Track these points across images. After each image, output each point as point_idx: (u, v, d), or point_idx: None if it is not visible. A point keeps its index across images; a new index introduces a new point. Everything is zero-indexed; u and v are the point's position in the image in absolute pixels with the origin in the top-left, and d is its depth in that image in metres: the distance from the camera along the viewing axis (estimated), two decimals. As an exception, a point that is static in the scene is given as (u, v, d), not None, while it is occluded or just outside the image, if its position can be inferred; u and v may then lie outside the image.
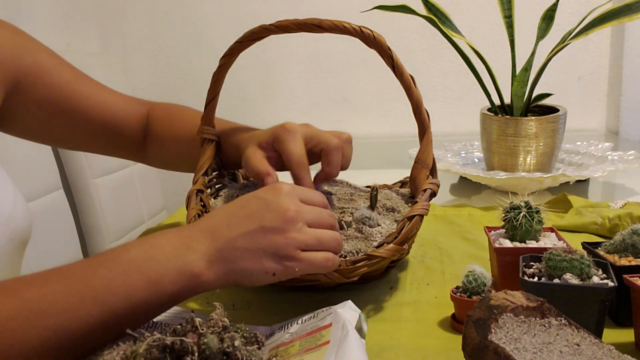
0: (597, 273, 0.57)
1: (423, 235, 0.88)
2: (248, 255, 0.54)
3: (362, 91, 2.01)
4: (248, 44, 0.73)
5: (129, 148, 0.89)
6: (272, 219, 0.55)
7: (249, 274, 0.55)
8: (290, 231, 0.55)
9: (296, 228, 0.56)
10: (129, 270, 0.51)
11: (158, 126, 0.88)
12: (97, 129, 0.84)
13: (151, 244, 0.54)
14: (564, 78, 1.92)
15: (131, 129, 0.87)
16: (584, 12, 1.09)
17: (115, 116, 0.85)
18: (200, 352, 0.43)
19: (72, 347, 0.49)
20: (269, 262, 0.54)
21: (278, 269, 0.55)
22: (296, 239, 0.55)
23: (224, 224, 0.56)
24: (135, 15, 2.09)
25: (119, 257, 0.52)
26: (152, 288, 0.51)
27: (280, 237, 0.55)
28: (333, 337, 0.49)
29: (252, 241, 0.54)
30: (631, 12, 1.01)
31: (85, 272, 0.51)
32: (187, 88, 2.13)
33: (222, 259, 0.54)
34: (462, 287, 0.62)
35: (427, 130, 0.73)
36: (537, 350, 0.46)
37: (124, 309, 0.50)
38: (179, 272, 0.52)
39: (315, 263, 0.57)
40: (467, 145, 1.40)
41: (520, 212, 0.68)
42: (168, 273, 0.51)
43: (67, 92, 0.80)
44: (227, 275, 0.54)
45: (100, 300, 0.49)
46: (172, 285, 0.51)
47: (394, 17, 1.39)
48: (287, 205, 0.56)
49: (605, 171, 1.09)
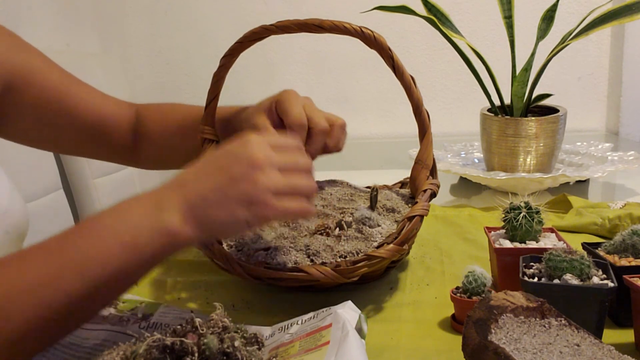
0: (597, 273, 0.57)
1: (423, 235, 0.88)
2: (219, 207, 0.54)
3: (362, 91, 2.01)
4: (249, 44, 0.73)
5: (121, 150, 0.88)
6: (240, 169, 0.55)
7: (222, 224, 0.54)
8: (259, 178, 0.54)
9: (265, 174, 0.54)
10: (104, 236, 0.51)
11: (148, 122, 0.87)
12: (89, 131, 0.83)
13: (123, 208, 0.54)
14: (564, 78, 1.92)
15: (122, 131, 0.86)
16: (584, 12, 1.09)
17: (106, 118, 0.84)
18: (200, 353, 0.43)
19: (58, 321, 0.49)
20: (241, 211, 0.54)
21: (251, 217, 0.54)
22: (266, 184, 0.54)
23: (193, 180, 0.55)
24: (135, 15, 2.09)
25: (93, 226, 0.52)
26: (129, 251, 0.51)
27: (249, 185, 0.54)
28: (333, 338, 0.49)
29: (221, 192, 0.54)
30: (631, 13, 1.01)
31: (62, 245, 0.51)
32: (187, 88, 2.13)
33: (195, 214, 0.53)
34: (462, 288, 0.62)
35: (427, 130, 0.73)
36: (537, 350, 0.46)
37: (104, 276, 0.50)
38: (154, 231, 0.52)
39: (289, 209, 0.56)
40: (467, 145, 1.40)
41: (520, 212, 0.68)
42: (143, 234, 0.51)
43: (58, 94, 0.80)
44: (201, 229, 0.54)
45: (79, 270, 0.49)
46: (149, 246, 0.51)
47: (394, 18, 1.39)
48: (254, 153, 0.55)
49: (605, 172, 1.10)
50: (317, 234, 0.71)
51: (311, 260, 0.67)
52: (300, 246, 0.69)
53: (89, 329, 0.58)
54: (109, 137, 0.85)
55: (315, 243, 0.69)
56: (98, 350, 0.54)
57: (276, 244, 0.69)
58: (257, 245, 0.70)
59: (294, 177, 0.57)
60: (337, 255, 0.67)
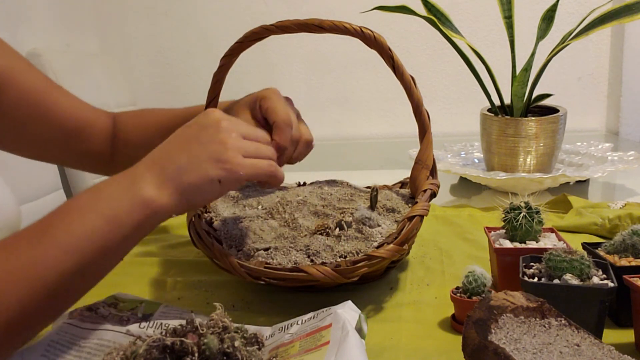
0: (597, 273, 0.57)
1: (423, 235, 0.88)
2: (192, 170, 0.56)
3: (362, 91, 2.01)
4: (249, 44, 0.73)
5: (99, 157, 0.86)
6: (208, 133, 0.58)
7: (197, 187, 0.56)
8: (226, 139, 0.57)
9: (232, 136, 0.58)
10: (84, 212, 0.53)
11: (127, 127, 0.86)
12: (66, 136, 0.82)
13: (99, 187, 0.56)
14: (564, 78, 1.92)
15: (100, 137, 0.85)
16: (584, 12, 1.09)
17: (84, 124, 0.83)
18: (201, 353, 0.43)
19: (52, 299, 0.50)
20: (212, 169, 0.56)
21: (222, 175, 0.57)
22: (234, 144, 0.58)
23: (164, 152, 0.58)
24: (135, 15, 2.09)
25: (72, 204, 0.54)
26: (110, 223, 0.52)
27: (217, 145, 0.57)
28: (333, 338, 0.49)
29: (192, 155, 0.57)
30: (631, 13, 1.01)
31: (44, 225, 0.52)
32: (187, 88, 2.13)
33: (169, 180, 0.55)
34: (462, 288, 0.62)
35: (427, 130, 0.73)
36: (537, 350, 0.46)
37: (90, 251, 0.51)
38: (133, 202, 0.54)
39: (259, 166, 0.59)
40: (467, 145, 1.40)
41: (520, 212, 0.68)
42: (122, 206, 0.53)
43: (37, 97, 0.79)
44: (178, 195, 0.55)
45: (64, 246, 0.50)
46: (129, 217, 0.53)
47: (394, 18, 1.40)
48: (220, 120, 0.59)
49: (605, 172, 1.10)
50: (317, 234, 0.71)
51: (311, 260, 0.67)
52: (300, 246, 0.69)
53: (89, 328, 0.58)
54: (87, 143, 0.84)
55: (315, 243, 0.69)
56: (98, 350, 0.54)
57: (276, 244, 0.70)
58: (257, 245, 0.70)
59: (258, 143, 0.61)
60: (337, 255, 0.67)
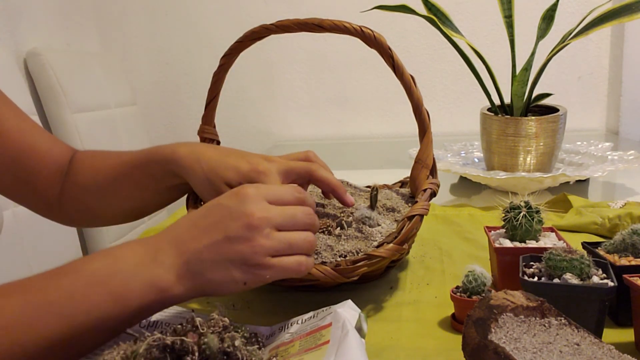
0: (597, 273, 0.57)
1: (423, 235, 0.88)
2: (216, 267, 0.52)
3: (362, 91, 2.02)
4: (248, 44, 0.74)
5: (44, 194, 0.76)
6: (237, 228, 0.52)
7: (218, 284, 0.52)
8: (256, 238, 0.52)
9: (263, 234, 0.52)
10: (92, 283, 0.49)
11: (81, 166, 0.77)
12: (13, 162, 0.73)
13: (116, 256, 0.51)
14: (564, 78, 1.92)
15: (49, 171, 0.76)
16: (584, 12, 1.09)
17: (37, 152, 0.75)
18: (201, 352, 0.43)
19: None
20: (237, 272, 0.52)
21: (248, 278, 0.53)
22: (264, 246, 0.52)
23: (189, 236, 0.53)
24: (135, 15, 2.09)
25: (82, 269, 0.50)
26: (117, 303, 0.49)
27: (246, 246, 0.52)
28: (333, 337, 0.49)
29: (218, 252, 0.52)
30: (631, 12, 1.01)
31: (46, 285, 0.49)
32: (187, 88, 2.13)
33: (190, 272, 0.51)
34: (462, 287, 0.62)
35: (427, 130, 0.73)
36: (537, 350, 0.46)
37: (85, 324, 0.47)
38: (146, 286, 0.50)
39: (287, 268, 0.54)
40: (467, 145, 1.40)
41: (520, 212, 0.68)
42: (134, 287, 0.49)
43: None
44: (196, 288, 0.52)
45: (59, 313, 0.47)
46: (138, 300, 0.49)
47: (394, 17, 1.40)
48: (251, 210, 0.53)
49: (605, 171, 1.10)
50: (317, 234, 0.71)
51: (311, 259, 0.67)
52: (300, 246, 0.69)
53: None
54: (35, 175, 0.75)
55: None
56: (98, 350, 0.54)
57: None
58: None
59: (292, 234, 0.55)
60: (337, 254, 0.67)
